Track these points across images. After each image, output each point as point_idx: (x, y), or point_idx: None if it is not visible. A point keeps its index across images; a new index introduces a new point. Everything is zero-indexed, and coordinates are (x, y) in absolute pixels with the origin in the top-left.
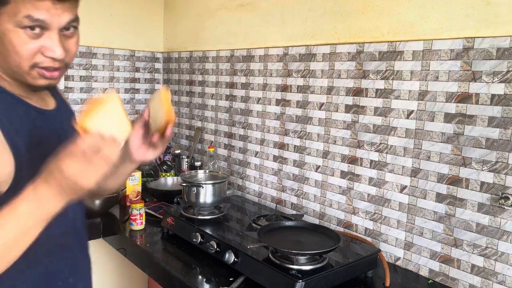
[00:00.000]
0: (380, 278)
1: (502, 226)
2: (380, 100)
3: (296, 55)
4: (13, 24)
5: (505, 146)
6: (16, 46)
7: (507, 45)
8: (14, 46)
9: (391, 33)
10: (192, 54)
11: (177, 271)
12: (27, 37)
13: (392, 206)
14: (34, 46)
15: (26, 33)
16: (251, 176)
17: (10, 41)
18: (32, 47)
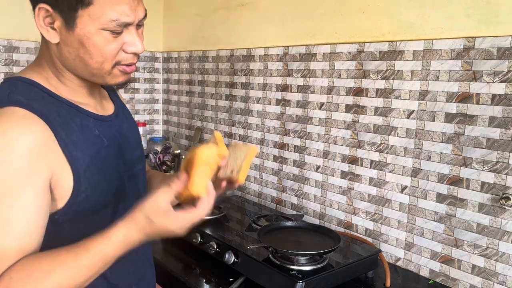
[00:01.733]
0: (381, 278)
1: (502, 226)
2: (381, 100)
3: (296, 55)
4: (96, 26)
5: (505, 146)
6: (101, 48)
7: (508, 44)
8: (99, 48)
9: (392, 32)
10: (191, 53)
11: (177, 272)
12: (112, 36)
13: (392, 207)
14: (117, 45)
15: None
16: (251, 176)
17: (94, 44)
18: (115, 47)
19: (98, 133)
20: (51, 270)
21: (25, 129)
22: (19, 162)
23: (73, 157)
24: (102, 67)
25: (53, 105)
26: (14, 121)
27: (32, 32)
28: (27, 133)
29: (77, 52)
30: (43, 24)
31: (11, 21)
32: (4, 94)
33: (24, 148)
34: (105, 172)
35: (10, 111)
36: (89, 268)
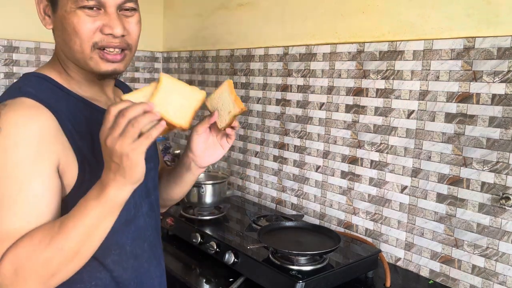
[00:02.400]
0: (381, 278)
1: (503, 226)
2: (381, 100)
3: (296, 55)
4: (70, 5)
5: (506, 146)
6: (75, 27)
7: (508, 44)
8: (74, 27)
9: (392, 32)
10: (191, 53)
11: (177, 272)
12: (86, 16)
13: (392, 207)
14: (93, 25)
15: (84, 12)
16: (251, 176)
17: (70, 23)
18: (91, 26)
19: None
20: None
21: (31, 117)
22: (26, 148)
23: (78, 147)
24: (82, 50)
25: (62, 98)
26: (21, 110)
27: (32, 32)
28: (33, 121)
29: (62, 35)
30: (42, 13)
31: (11, 21)
32: (16, 87)
33: (29, 135)
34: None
35: (19, 102)
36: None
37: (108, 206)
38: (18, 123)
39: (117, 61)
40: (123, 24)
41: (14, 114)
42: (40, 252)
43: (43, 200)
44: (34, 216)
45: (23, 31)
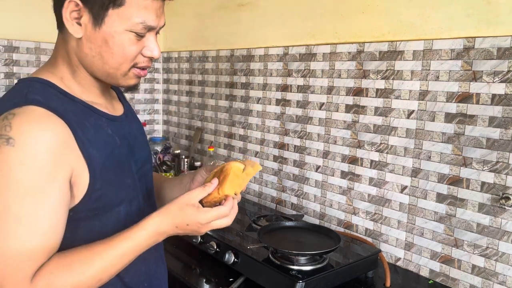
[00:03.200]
0: (381, 278)
1: (502, 226)
2: (381, 100)
3: (296, 55)
4: (124, 27)
5: (505, 146)
6: (124, 49)
7: (508, 44)
8: (122, 49)
9: (392, 32)
10: (191, 53)
11: (177, 272)
12: (135, 39)
13: (392, 207)
14: (138, 48)
15: (134, 35)
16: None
17: (119, 43)
18: (136, 49)
19: (111, 133)
20: (89, 260)
21: (45, 127)
22: (42, 161)
23: (90, 155)
24: (120, 67)
25: (68, 105)
26: (34, 120)
27: (32, 32)
28: (47, 132)
29: (99, 49)
30: (69, 18)
31: (11, 21)
32: (21, 94)
33: (46, 146)
34: (118, 170)
35: (30, 110)
36: (124, 257)
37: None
38: (33, 134)
39: (142, 76)
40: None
41: (27, 124)
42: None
43: (58, 215)
44: (52, 234)
45: (23, 31)
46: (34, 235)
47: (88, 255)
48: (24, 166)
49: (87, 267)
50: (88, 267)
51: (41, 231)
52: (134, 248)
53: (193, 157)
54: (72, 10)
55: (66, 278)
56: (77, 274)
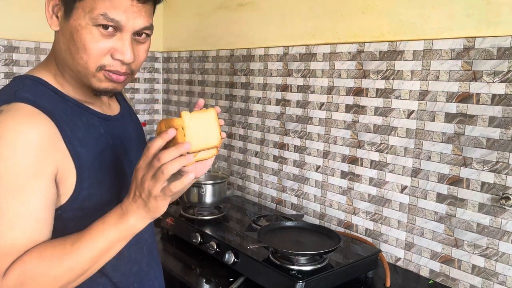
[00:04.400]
0: (381, 278)
1: (502, 226)
2: (381, 100)
3: (296, 55)
4: (87, 20)
5: (505, 146)
6: (86, 43)
7: (508, 44)
8: (84, 43)
9: (392, 32)
10: (191, 53)
11: (177, 272)
12: (99, 35)
13: (392, 207)
14: (104, 46)
15: (98, 30)
16: (251, 176)
17: (81, 37)
18: (102, 46)
19: (104, 132)
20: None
21: (30, 125)
22: (26, 158)
23: (77, 154)
24: (86, 66)
25: (59, 103)
26: (19, 117)
27: (32, 32)
28: (31, 129)
29: (68, 44)
30: (50, 10)
31: (11, 21)
32: (11, 91)
33: (28, 144)
34: (109, 170)
35: (16, 107)
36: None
37: (125, 233)
38: (17, 131)
39: (119, 82)
40: (134, 51)
41: (12, 121)
42: (50, 270)
43: (42, 213)
44: (35, 230)
45: (23, 31)
46: (13, 231)
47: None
48: (6, 162)
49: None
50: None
51: (23, 228)
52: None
53: None
54: (54, 4)
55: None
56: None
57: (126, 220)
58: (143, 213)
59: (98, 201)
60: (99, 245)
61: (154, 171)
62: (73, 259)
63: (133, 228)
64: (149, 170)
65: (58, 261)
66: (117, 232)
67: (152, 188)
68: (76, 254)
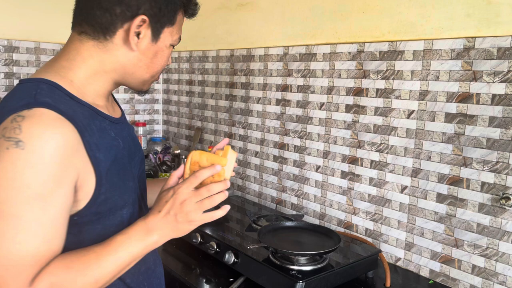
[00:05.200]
0: (381, 278)
1: (503, 226)
2: (381, 100)
3: (296, 55)
4: (169, 42)
5: (506, 146)
6: (165, 61)
7: (508, 44)
8: (164, 61)
9: (392, 32)
10: (191, 53)
11: (177, 272)
12: (170, 52)
13: (392, 207)
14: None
15: (170, 49)
16: (251, 176)
17: (164, 56)
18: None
19: (114, 135)
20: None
21: (55, 131)
22: (51, 165)
23: (96, 159)
24: (156, 75)
25: (76, 108)
26: (44, 124)
27: (32, 32)
28: (57, 136)
29: (149, 61)
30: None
31: (11, 21)
32: (30, 95)
33: (55, 151)
34: (122, 173)
35: (39, 113)
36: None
37: (148, 248)
38: (44, 138)
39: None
40: None
41: (38, 128)
42: (77, 281)
43: (62, 220)
44: (55, 238)
45: (23, 31)
46: (37, 240)
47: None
48: (33, 170)
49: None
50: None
51: (45, 236)
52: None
53: None
54: (138, 25)
55: (66, 278)
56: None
57: (151, 236)
58: (170, 232)
59: (113, 205)
60: (123, 259)
61: (201, 199)
62: (98, 271)
63: (155, 244)
64: (194, 196)
65: (83, 273)
66: (141, 247)
67: (192, 213)
68: (101, 267)
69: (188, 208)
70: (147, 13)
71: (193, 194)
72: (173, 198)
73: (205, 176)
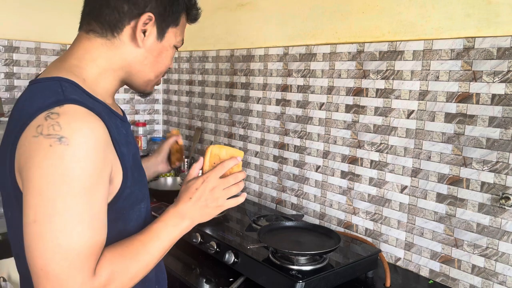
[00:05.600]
0: (381, 278)
1: (502, 226)
2: (381, 100)
3: (296, 55)
4: (173, 43)
5: (505, 146)
6: (169, 60)
7: (508, 44)
8: (168, 60)
9: (392, 32)
10: (191, 53)
11: (177, 272)
12: (173, 53)
13: (392, 207)
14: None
15: (174, 50)
16: (251, 177)
17: (167, 56)
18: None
19: (125, 133)
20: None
21: (92, 126)
22: (95, 159)
23: (122, 154)
24: (159, 75)
25: (97, 105)
26: (80, 119)
27: (32, 32)
28: (95, 130)
29: (154, 59)
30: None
31: (11, 21)
32: (57, 92)
33: (96, 145)
34: (140, 168)
35: (73, 109)
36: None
37: (183, 232)
38: (83, 133)
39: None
40: None
41: (75, 123)
42: (131, 267)
43: (104, 211)
44: (102, 228)
45: (23, 31)
46: (92, 231)
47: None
48: (81, 163)
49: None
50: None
51: (95, 227)
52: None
53: (193, 157)
54: (144, 22)
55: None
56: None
57: (184, 221)
58: (199, 216)
59: (135, 200)
60: (164, 243)
61: (228, 186)
62: (147, 257)
63: (187, 228)
64: (222, 183)
65: (136, 259)
66: (178, 231)
67: (221, 199)
68: (149, 253)
69: (217, 194)
70: (154, 11)
71: (221, 181)
72: (203, 185)
73: (230, 165)
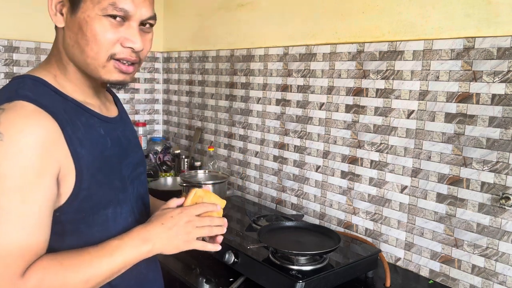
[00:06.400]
0: (381, 278)
1: (502, 226)
2: (381, 100)
3: (296, 55)
4: (96, 11)
5: (505, 146)
6: (97, 34)
7: (508, 44)
8: (95, 34)
9: (392, 32)
10: (192, 53)
11: (177, 272)
12: (109, 25)
13: (392, 207)
14: (114, 36)
15: (108, 20)
16: (251, 176)
17: (91, 28)
18: (112, 37)
19: (103, 133)
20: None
21: (34, 123)
22: (31, 156)
23: (77, 154)
24: (97, 57)
25: (59, 103)
26: (23, 116)
27: (32, 32)
28: (36, 128)
29: (76, 37)
30: (54, 8)
31: (11, 21)
32: (12, 89)
33: (34, 142)
34: (108, 172)
35: (19, 105)
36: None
37: (142, 256)
38: (22, 129)
39: (128, 73)
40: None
41: (16, 119)
42: (68, 279)
43: (45, 212)
44: (39, 230)
45: (23, 31)
46: (20, 231)
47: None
48: (12, 161)
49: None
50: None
51: (29, 228)
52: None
53: (193, 157)
54: (58, 1)
55: (58, 276)
56: (68, 273)
57: (146, 245)
58: (165, 245)
59: (96, 203)
60: (116, 263)
61: (202, 225)
62: (90, 271)
63: (148, 253)
64: (197, 220)
65: (75, 271)
66: (136, 254)
67: (192, 234)
68: (94, 267)
69: (189, 228)
70: None
71: (198, 219)
72: (179, 216)
73: (209, 208)
